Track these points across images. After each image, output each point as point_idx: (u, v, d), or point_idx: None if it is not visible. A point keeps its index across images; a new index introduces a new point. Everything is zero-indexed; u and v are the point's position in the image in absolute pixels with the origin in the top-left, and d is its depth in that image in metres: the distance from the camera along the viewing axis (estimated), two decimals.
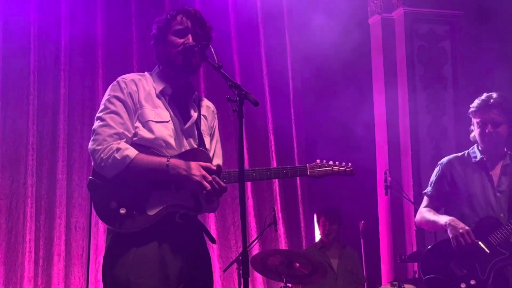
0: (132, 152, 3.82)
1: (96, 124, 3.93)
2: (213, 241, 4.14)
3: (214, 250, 8.83)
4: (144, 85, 4.07)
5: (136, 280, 3.77)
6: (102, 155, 3.82)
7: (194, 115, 4.15)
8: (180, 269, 3.88)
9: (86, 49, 9.01)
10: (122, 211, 3.79)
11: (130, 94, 3.99)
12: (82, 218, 8.49)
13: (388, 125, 9.81)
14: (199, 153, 4.01)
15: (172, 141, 3.97)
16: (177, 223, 3.92)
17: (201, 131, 4.15)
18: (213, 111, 4.36)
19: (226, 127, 8.55)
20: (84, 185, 8.48)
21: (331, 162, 4.21)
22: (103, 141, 3.86)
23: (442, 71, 9.93)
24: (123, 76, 4.10)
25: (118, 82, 4.04)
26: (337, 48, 9.40)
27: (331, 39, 9.27)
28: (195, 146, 4.07)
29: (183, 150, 3.99)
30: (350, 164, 4.27)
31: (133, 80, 4.06)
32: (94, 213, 3.97)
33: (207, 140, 4.18)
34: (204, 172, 3.83)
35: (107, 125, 3.90)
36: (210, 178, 3.82)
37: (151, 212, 3.84)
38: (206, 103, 4.34)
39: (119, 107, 3.95)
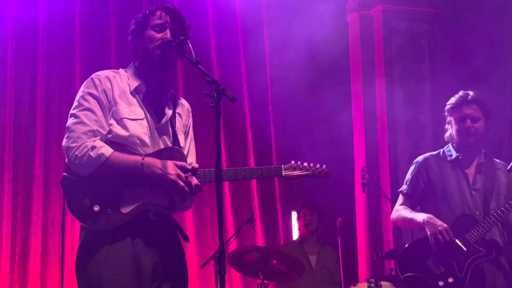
0: (107, 150, 3.81)
1: (70, 121, 3.92)
2: (186, 239, 4.13)
3: (191, 247, 8.82)
4: (119, 82, 4.06)
5: (109, 277, 3.76)
6: (76, 153, 3.80)
7: (169, 112, 4.14)
8: (153, 266, 3.88)
9: (64, 45, 8.96)
10: (96, 208, 3.78)
11: (105, 91, 3.96)
12: (59, 214, 8.46)
13: (366, 122, 9.83)
14: (174, 152, 4.01)
15: (146, 139, 3.96)
16: (150, 220, 3.91)
17: (176, 129, 4.14)
18: (188, 109, 4.35)
19: (204, 125, 8.52)
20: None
21: (305, 164, 4.23)
22: (77, 139, 3.84)
23: (420, 69, 9.95)
24: (98, 72, 4.08)
25: (92, 79, 4.02)
26: (315, 45, 9.40)
27: (309, 36, 9.27)
28: (170, 144, 4.07)
29: (157, 148, 3.99)
30: (324, 166, 4.30)
31: (107, 77, 4.04)
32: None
33: (181, 138, 4.18)
34: (179, 171, 3.83)
35: (81, 122, 3.88)
36: (185, 177, 3.81)
37: (125, 210, 3.83)
38: (181, 101, 4.34)
39: (93, 104, 3.93)
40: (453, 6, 9.57)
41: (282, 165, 4.18)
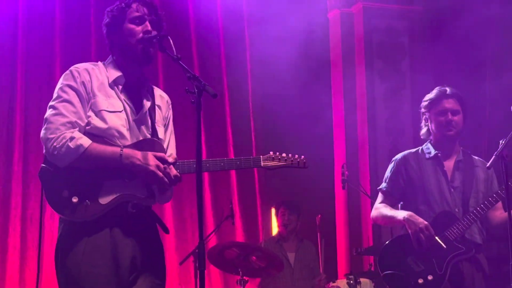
0: (86, 141, 3.80)
1: (49, 112, 3.91)
2: (166, 230, 4.13)
3: (171, 242, 8.81)
4: (97, 74, 4.05)
5: (87, 269, 3.76)
6: (55, 144, 3.79)
7: (147, 104, 4.14)
8: (131, 258, 3.89)
9: (43, 39, 8.91)
10: (74, 199, 3.77)
11: (83, 83, 3.96)
12: (38, 210, 8.41)
13: (346, 119, 9.86)
14: (153, 144, 4.02)
15: (125, 131, 3.97)
16: (129, 212, 3.91)
17: (155, 121, 4.15)
18: (167, 101, 4.36)
19: (185, 119, 8.49)
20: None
21: (284, 154, 4.24)
22: (56, 130, 3.83)
23: (400, 66, 10.00)
24: (76, 65, 4.07)
25: (71, 71, 4.01)
26: (296, 41, 9.41)
27: (290, 32, 9.28)
28: (149, 136, 4.07)
29: (135, 140, 3.99)
30: (302, 156, 4.31)
31: (86, 69, 4.03)
32: (46, 203, 3.92)
33: (160, 130, 4.19)
34: (158, 162, 3.85)
35: (60, 114, 3.87)
36: (163, 168, 3.83)
37: (104, 201, 3.83)
38: (160, 93, 4.35)
39: (72, 96, 3.92)
40: (433, 3, 9.59)
41: (261, 156, 4.19)
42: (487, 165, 4.66)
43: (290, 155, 4.25)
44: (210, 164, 4.09)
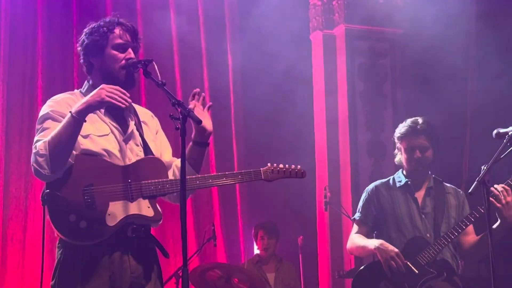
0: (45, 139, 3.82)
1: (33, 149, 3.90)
2: (166, 254, 4.09)
3: None
4: (76, 100, 4.04)
5: None
6: (32, 163, 3.83)
7: (132, 123, 4.15)
8: (130, 285, 3.90)
9: (25, 58, 8.88)
10: (83, 225, 3.77)
11: (61, 113, 3.95)
12: (19, 231, 8.37)
13: (328, 140, 9.87)
14: (155, 161, 4.06)
15: (116, 152, 3.98)
16: (129, 237, 3.91)
17: (144, 138, 4.16)
18: (151, 115, 4.38)
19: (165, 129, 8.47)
20: (22, 197, 8.39)
21: (281, 166, 4.31)
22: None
23: (382, 89, 10.05)
24: (53, 97, 4.11)
25: (47, 104, 4.05)
26: (278, 63, 9.45)
27: (272, 54, 9.31)
28: (141, 154, 4.09)
29: (128, 160, 4.00)
30: (299, 166, 4.38)
31: (63, 99, 4.06)
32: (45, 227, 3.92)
33: (152, 145, 4.20)
34: (102, 88, 3.83)
35: (40, 141, 3.87)
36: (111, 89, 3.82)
37: (111, 223, 3.83)
38: (142, 110, 4.37)
39: (49, 123, 3.94)
40: (413, 26, 9.66)
41: (260, 168, 4.25)
42: (469, 190, 4.68)
43: (287, 165, 4.33)
44: (213, 179, 4.13)
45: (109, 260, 3.85)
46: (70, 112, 3.79)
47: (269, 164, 4.28)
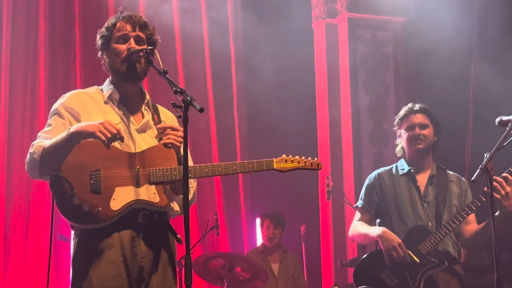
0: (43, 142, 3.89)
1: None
2: (179, 241, 4.07)
3: None
4: (90, 95, 4.14)
5: (99, 282, 3.82)
6: (26, 159, 3.92)
7: (148, 116, 4.18)
8: (140, 269, 3.93)
9: (27, 48, 8.87)
10: (86, 207, 3.79)
11: (70, 108, 4.04)
12: (22, 221, 8.38)
13: (331, 129, 9.87)
14: (162, 149, 4.04)
15: (125, 141, 3.98)
16: (139, 223, 3.94)
17: None
18: (172, 117, 4.39)
19: None
20: (25, 186, 8.40)
21: (297, 157, 4.25)
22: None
23: (384, 77, 10.03)
24: (70, 91, 4.19)
25: (61, 98, 4.14)
26: (281, 52, 9.44)
27: (275, 43, 9.30)
28: (152, 145, 4.09)
29: (138, 149, 4.03)
30: (316, 158, 4.34)
31: (77, 94, 4.15)
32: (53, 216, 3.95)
33: None
34: (101, 123, 3.82)
35: (38, 137, 3.99)
36: (105, 125, 3.81)
37: (115, 207, 3.85)
38: (164, 110, 4.39)
39: (57, 121, 4.03)
40: (416, 14, 9.65)
41: (273, 158, 4.19)
42: (472, 178, 4.68)
43: (303, 157, 4.27)
44: (222, 168, 4.10)
45: (120, 245, 3.88)
46: (69, 129, 3.84)
47: (284, 155, 4.22)
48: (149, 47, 4.01)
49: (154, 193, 3.96)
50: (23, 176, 8.36)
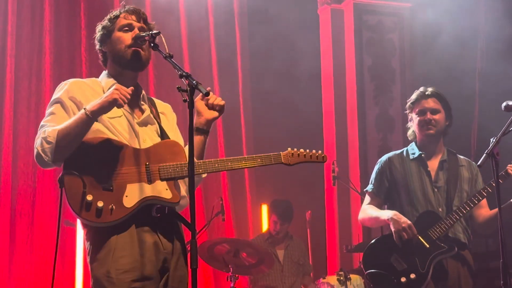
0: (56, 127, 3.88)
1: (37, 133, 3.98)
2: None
3: None
4: (90, 86, 4.16)
5: (118, 275, 3.83)
6: (36, 146, 3.89)
7: (147, 109, 4.22)
8: (157, 261, 3.96)
9: (32, 33, 8.86)
10: (100, 204, 3.80)
11: (72, 97, 4.04)
12: (27, 206, 8.38)
13: (336, 115, 9.85)
14: (171, 144, 4.10)
15: (126, 134, 4.02)
16: (153, 217, 3.97)
17: (161, 125, 4.23)
18: (170, 108, 4.45)
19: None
20: (30, 172, 8.40)
21: (302, 150, 4.30)
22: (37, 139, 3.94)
23: (390, 63, 10.01)
24: (69, 79, 4.19)
25: (62, 86, 4.13)
26: (286, 37, 9.42)
27: (280, 28, 9.29)
28: (155, 139, 4.14)
29: (142, 142, 4.07)
30: (320, 151, 4.38)
31: (77, 83, 4.14)
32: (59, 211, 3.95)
33: (171, 134, 4.26)
34: (116, 89, 3.85)
35: (44, 126, 3.96)
36: (120, 90, 3.84)
37: (128, 205, 3.87)
38: (161, 102, 4.44)
39: (59, 110, 4.03)
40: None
41: (280, 152, 4.25)
42: (478, 163, 4.68)
43: (308, 150, 4.33)
44: (232, 163, 4.16)
45: (138, 239, 3.91)
46: (84, 108, 3.83)
47: (289, 149, 4.28)
48: (154, 32, 4.01)
49: (166, 189, 3.98)
50: (29, 161, 8.37)
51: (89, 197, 3.80)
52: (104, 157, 3.91)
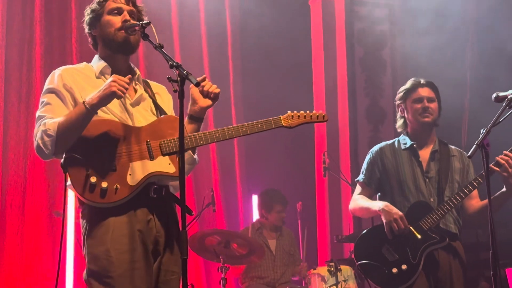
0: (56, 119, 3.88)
1: (36, 124, 3.98)
2: (189, 212, 3.99)
3: None
4: (82, 71, 4.16)
5: (117, 255, 3.84)
6: (36, 139, 3.90)
7: (141, 89, 4.22)
8: (155, 244, 3.98)
9: (23, 23, 8.82)
10: (104, 184, 3.82)
11: (64, 84, 4.03)
12: (18, 197, 8.36)
13: (327, 106, 9.86)
14: (170, 120, 4.11)
15: (118, 113, 4.02)
16: (150, 198, 3.98)
17: (158, 104, 4.23)
18: (165, 89, 4.43)
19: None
20: (21, 162, 8.38)
21: (302, 112, 4.31)
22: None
23: (381, 54, 10.02)
24: (61, 67, 4.17)
25: (54, 74, 4.11)
26: (277, 28, 9.41)
27: (271, 19, 9.28)
28: (149, 118, 4.13)
29: (136, 122, 4.06)
30: (320, 110, 4.40)
31: (68, 71, 4.12)
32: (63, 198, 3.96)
33: (169, 112, 4.28)
34: (113, 80, 3.84)
35: (43, 117, 3.96)
36: (118, 81, 3.83)
37: (133, 183, 3.88)
38: (156, 84, 4.43)
39: (52, 98, 4.02)
40: None
41: (280, 116, 4.25)
42: (468, 154, 4.69)
43: (308, 111, 4.33)
44: (232, 131, 4.15)
45: (135, 219, 3.91)
46: (84, 102, 3.84)
47: (289, 112, 4.28)
48: (145, 22, 3.99)
49: (169, 164, 3.99)
50: (19, 152, 8.35)
51: (93, 179, 3.81)
52: (104, 139, 3.91)
